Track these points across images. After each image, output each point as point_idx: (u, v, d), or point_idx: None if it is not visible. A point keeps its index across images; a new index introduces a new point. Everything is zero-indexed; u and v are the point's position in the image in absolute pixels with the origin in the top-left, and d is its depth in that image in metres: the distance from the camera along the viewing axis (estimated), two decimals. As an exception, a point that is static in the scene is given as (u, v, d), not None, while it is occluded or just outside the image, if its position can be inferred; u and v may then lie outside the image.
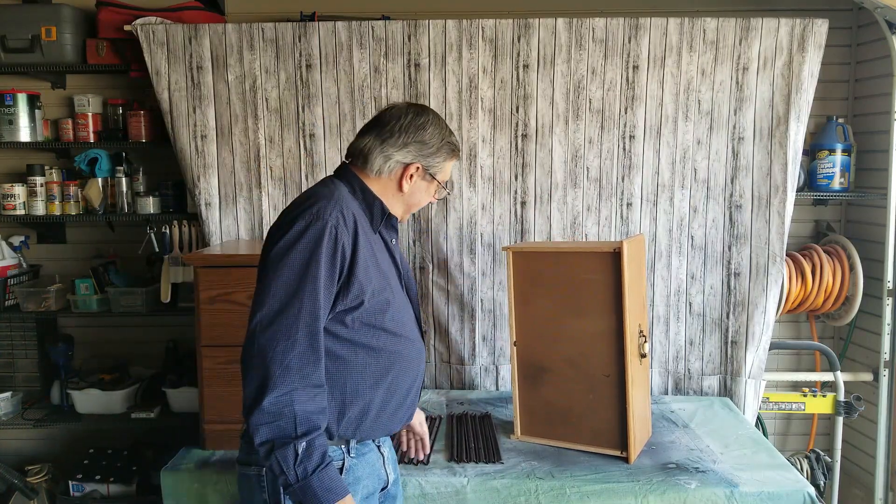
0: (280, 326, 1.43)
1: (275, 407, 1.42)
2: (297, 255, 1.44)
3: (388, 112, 1.65)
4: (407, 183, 1.63)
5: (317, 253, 1.44)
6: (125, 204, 2.99)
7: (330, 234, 1.46)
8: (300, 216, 1.48)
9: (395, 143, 1.61)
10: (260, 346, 1.44)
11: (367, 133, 1.64)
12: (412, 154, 1.62)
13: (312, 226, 1.46)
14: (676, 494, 2.02)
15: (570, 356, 2.24)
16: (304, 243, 1.45)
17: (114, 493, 2.97)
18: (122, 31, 2.84)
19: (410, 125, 1.61)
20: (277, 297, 1.44)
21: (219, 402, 2.30)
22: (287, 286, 1.44)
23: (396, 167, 1.62)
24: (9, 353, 3.18)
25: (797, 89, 2.72)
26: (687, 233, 2.84)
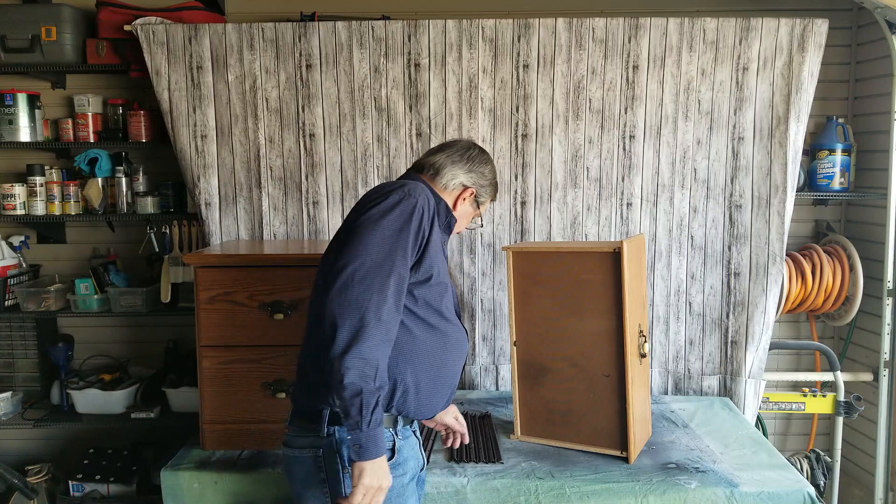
0: (374, 280, 1.53)
1: (369, 354, 1.50)
2: (391, 222, 1.58)
3: (459, 142, 1.91)
4: (461, 203, 1.85)
5: (408, 224, 1.60)
6: (125, 204, 2.99)
7: (418, 211, 1.62)
8: (394, 191, 1.64)
9: (463, 166, 1.84)
10: (356, 295, 1.52)
11: (439, 153, 1.86)
12: (472, 180, 1.85)
13: (405, 200, 1.62)
14: (676, 494, 2.02)
15: (570, 356, 2.24)
16: (397, 212, 1.60)
17: (114, 493, 2.96)
18: (122, 31, 2.84)
19: (477, 157, 1.87)
20: (371, 254, 1.55)
21: (219, 402, 2.30)
22: (381, 245, 1.56)
23: (458, 186, 1.85)
24: (9, 353, 3.18)
25: (797, 89, 2.72)
26: (687, 233, 2.84)
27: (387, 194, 1.63)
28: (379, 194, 1.65)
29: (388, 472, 1.59)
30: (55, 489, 3.06)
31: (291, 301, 2.25)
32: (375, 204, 1.61)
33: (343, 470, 1.62)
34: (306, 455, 1.65)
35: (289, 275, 2.26)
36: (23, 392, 3.13)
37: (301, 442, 1.66)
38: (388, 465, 1.63)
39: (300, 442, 1.67)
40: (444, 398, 1.80)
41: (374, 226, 1.58)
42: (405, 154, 2.82)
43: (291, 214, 2.87)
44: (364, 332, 1.50)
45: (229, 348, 2.28)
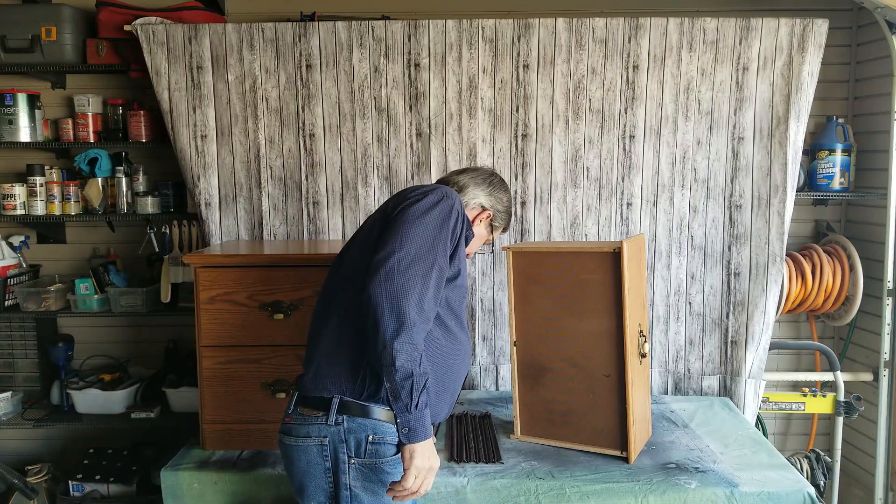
0: (417, 271, 1.59)
1: (417, 339, 1.56)
2: (433, 218, 1.65)
3: (482, 168, 2.05)
4: (477, 224, 1.95)
5: (447, 221, 1.67)
6: (125, 204, 2.99)
7: (455, 211, 1.71)
8: (433, 191, 1.72)
9: (484, 189, 1.97)
10: (402, 283, 1.56)
11: (463, 174, 1.99)
12: (491, 203, 1.97)
13: (445, 200, 1.70)
14: (676, 494, 2.02)
15: (570, 356, 2.24)
16: (438, 210, 1.67)
17: (114, 493, 2.96)
18: (122, 31, 2.84)
19: (498, 184, 2.00)
20: (415, 245, 1.61)
21: (219, 402, 2.30)
22: (425, 238, 1.62)
23: (477, 207, 1.96)
24: (9, 353, 3.17)
25: (797, 89, 2.72)
26: (687, 233, 2.84)
27: (426, 193, 1.71)
28: (419, 192, 1.72)
29: (436, 453, 1.66)
30: (55, 489, 3.06)
31: (291, 301, 2.25)
32: (416, 200, 1.68)
33: (349, 460, 1.64)
34: (311, 444, 1.66)
35: (289, 275, 2.26)
36: (23, 392, 3.13)
37: (305, 430, 1.66)
38: (394, 459, 1.66)
39: (304, 430, 1.67)
40: (448, 404, 1.82)
41: (418, 220, 1.64)
42: (405, 154, 2.82)
43: (291, 214, 2.87)
44: (410, 319, 1.55)
45: (229, 348, 2.28)
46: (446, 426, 2.46)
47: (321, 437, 1.65)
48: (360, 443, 1.64)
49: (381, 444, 1.65)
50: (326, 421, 1.64)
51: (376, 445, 1.64)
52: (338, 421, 1.64)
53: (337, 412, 1.64)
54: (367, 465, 1.64)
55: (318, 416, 1.65)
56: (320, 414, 1.65)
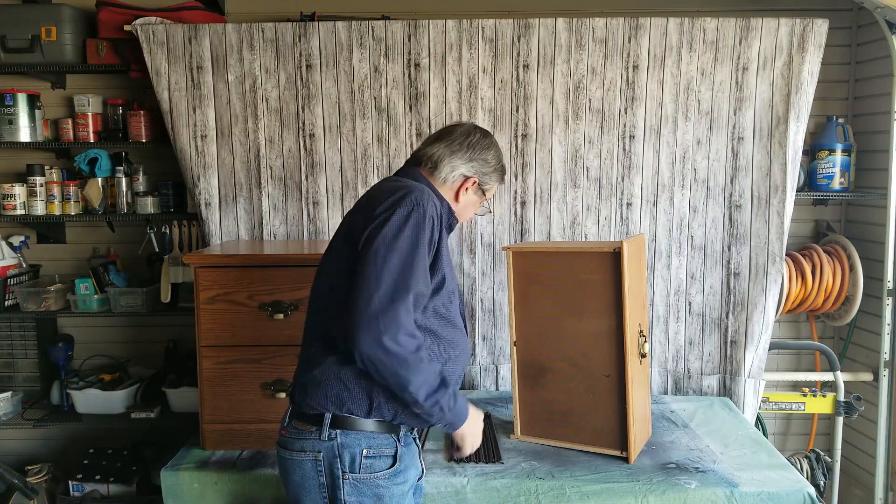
0: (399, 305, 1.53)
1: (423, 369, 1.56)
2: (405, 240, 1.56)
3: (458, 128, 1.82)
4: (463, 194, 1.80)
5: (421, 237, 1.58)
6: (125, 204, 2.99)
7: (429, 221, 1.60)
8: (401, 202, 1.59)
9: (462, 155, 1.78)
10: (386, 326, 1.51)
11: (437, 143, 1.80)
12: (474, 169, 1.79)
13: (415, 212, 1.58)
14: (676, 494, 2.02)
15: (570, 356, 2.24)
16: (409, 228, 1.57)
17: (114, 493, 2.96)
18: (122, 31, 2.84)
19: (478, 144, 1.80)
20: (391, 277, 1.53)
21: (219, 402, 2.30)
22: (401, 267, 1.55)
23: (458, 178, 1.79)
24: (9, 353, 3.17)
25: (797, 89, 2.72)
26: (687, 233, 2.84)
27: (394, 205, 1.59)
28: (387, 206, 1.59)
29: (476, 418, 1.75)
30: (55, 489, 3.06)
31: (291, 301, 2.25)
32: (385, 220, 1.57)
33: (343, 476, 1.61)
34: (305, 458, 1.63)
35: (289, 275, 2.26)
36: (23, 392, 3.13)
37: (300, 445, 1.64)
38: (389, 472, 1.63)
39: (299, 445, 1.64)
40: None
41: (389, 247, 1.54)
42: (405, 154, 2.82)
43: (291, 214, 2.87)
44: (409, 358, 1.53)
45: (229, 348, 2.28)
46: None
47: (315, 451, 1.62)
48: (355, 457, 1.61)
49: (375, 458, 1.62)
50: (320, 436, 1.61)
51: (371, 459, 1.62)
52: (331, 436, 1.61)
53: (330, 427, 1.61)
54: (361, 481, 1.61)
55: (311, 431, 1.63)
56: (313, 429, 1.63)
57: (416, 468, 1.75)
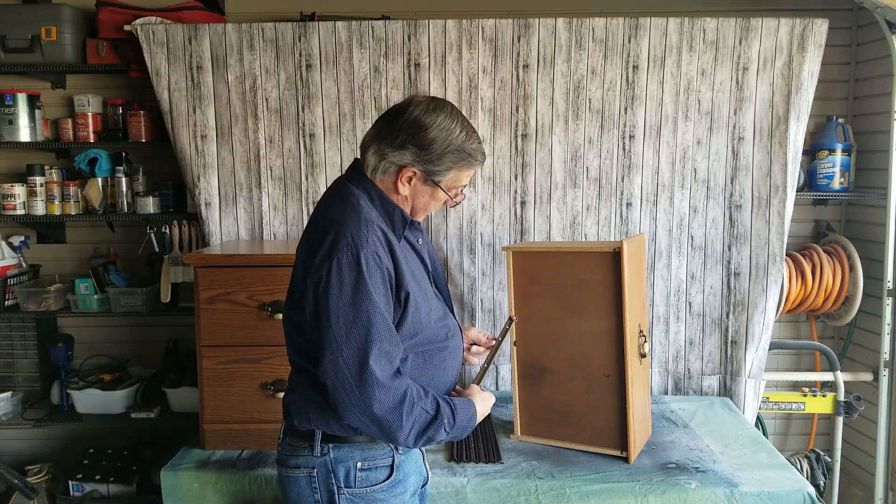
0: (368, 356, 1.42)
1: (407, 412, 1.45)
2: (351, 294, 1.42)
3: (400, 106, 1.53)
4: (403, 185, 1.53)
5: (368, 282, 1.43)
6: (125, 204, 2.99)
7: (372, 258, 1.44)
8: (335, 250, 1.43)
9: (391, 141, 1.50)
10: (364, 389, 1.42)
11: (374, 126, 1.56)
12: (409, 156, 1.50)
13: (352, 257, 1.43)
14: (676, 494, 2.02)
15: (570, 356, 2.24)
16: (351, 279, 1.42)
17: (114, 493, 2.96)
18: (122, 31, 2.84)
19: (412, 125, 1.49)
20: (355, 344, 1.42)
21: (219, 402, 2.30)
22: (361, 330, 1.43)
23: (390, 168, 1.52)
24: (9, 353, 3.17)
25: (797, 89, 2.72)
26: (687, 233, 2.84)
27: (329, 255, 1.43)
28: (322, 256, 1.44)
29: (486, 396, 1.65)
30: (55, 489, 3.06)
31: (291, 301, 2.25)
32: (326, 278, 1.43)
33: (339, 491, 1.55)
34: (299, 475, 1.58)
35: (289, 275, 2.24)
36: (23, 392, 3.13)
37: (294, 461, 1.59)
38: (387, 484, 1.57)
39: (293, 461, 1.59)
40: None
41: (339, 309, 1.42)
42: (405, 154, 2.81)
43: (291, 214, 2.87)
44: (394, 411, 1.43)
45: (229, 348, 2.28)
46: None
47: (309, 468, 1.56)
48: (349, 471, 1.55)
49: (371, 470, 1.56)
50: (312, 451, 1.56)
51: (366, 472, 1.56)
52: (323, 451, 1.55)
53: (322, 441, 1.55)
54: (357, 495, 1.55)
55: (304, 447, 1.57)
56: (306, 444, 1.57)
57: (419, 474, 1.70)
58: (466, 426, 1.56)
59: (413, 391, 1.47)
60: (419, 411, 1.47)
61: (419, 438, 1.48)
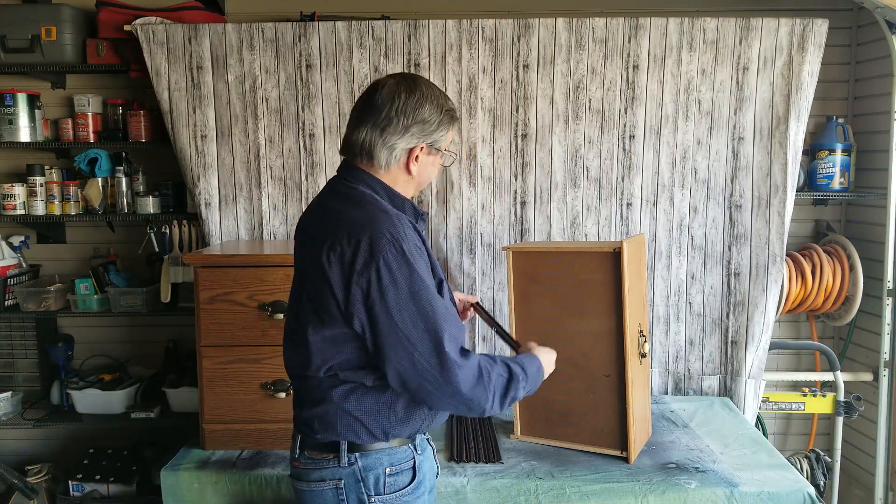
0: (447, 355, 1.44)
1: (487, 382, 1.48)
2: (408, 289, 1.43)
3: (379, 95, 1.53)
4: (414, 165, 1.56)
5: (421, 272, 1.45)
6: (125, 204, 2.99)
7: (416, 250, 1.47)
8: (380, 249, 1.42)
9: (395, 130, 1.52)
10: (449, 382, 1.44)
11: (363, 123, 1.54)
12: (416, 137, 1.53)
13: (401, 251, 1.44)
14: (676, 494, 2.02)
15: (570, 356, 2.23)
16: (405, 273, 1.43)
17: (114, 493, 2.96)
18: (122, 31, 2.84)
19: (407, 106, 1.52)
20: (427, 337, 1.44)
21: (219, 402, 2.30)
22: (426, 321, 1.44)
23: (402, 154, 1.55)
24: (9, 353, 3.17)
25: (797, 89, 2.72)
26: (687, 233, 2.84)
27: (371, 257, 1.42)
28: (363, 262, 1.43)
29: (547, 350, 1.74)
30: (55, 489, 3.06)
31: (291, 301, 2.25)
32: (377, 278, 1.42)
33: (369, 499, 1.53)
34: (325, 488, 1.55)
35: (289, 275, 2.23)
36: (23, 392, 3.13)
37: (318, 475, 1.56)
38: (412, 486, 1.58)
39: (317, 475, 1.56)
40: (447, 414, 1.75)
41: (395, 303, 1.43)
42: (405, 154, 2.81)
43: (291, 214, 2.87)
44: (475, 389, 1.46)
45: (229, 348, 2.28)
46: (446, 426, 2.46)
47: (335, 479, 1.54)
48: (379, 478, 1.54)
49: (398, 475, 1.57)
50: (339, 463, 1.54)
51: (394, 477, 1.56)
52: (350, 461, 1.53)
53: (348, 452, 1.53)
54: (387, 502, 1.55)
55: (328, 459, 1.55)
56: (331, 456, 1.54)
57: (433, 469, 1.72)
58: (537, 377, 1.63)
59: (483, 361, 1.50)
60: (496, 377, 1.51)
61: (504, 401, 1.52)
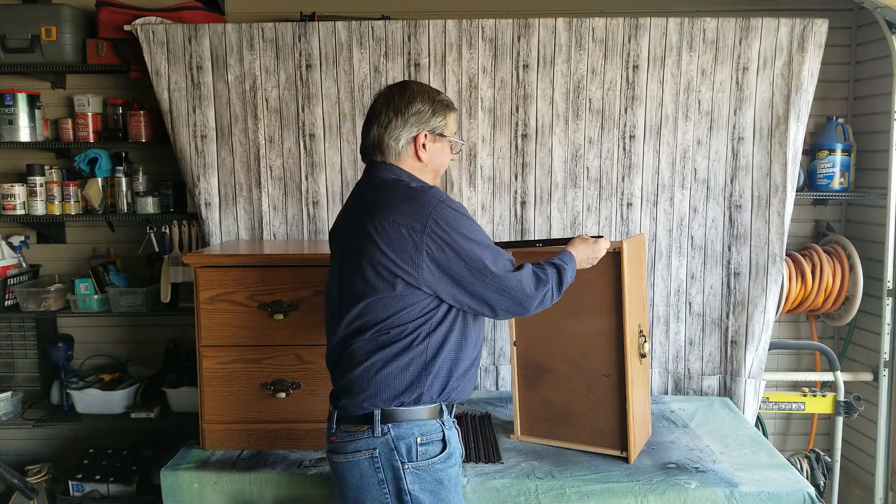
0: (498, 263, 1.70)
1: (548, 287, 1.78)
2: (468, 233, 1.67)
3: (378, 103, 1.79)
4: (423, 152, 1.77)
5: (471, 218, 1.72)
6: (125, 204, 2.99)
7: (455, 204, 1.71)
8: (435, 209, 1.65)
9: (396, 124, 1.75)
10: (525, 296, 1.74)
11: (370, 127, 1.78)
12: (415, 126, 1.75)
13: (451, 206, 1.68)
14: (676, 494, 2.02)
15: (570, 356, 2.24)
16: (463, 221, 1.68)
17: (114, 493, 2.96)
18: (122, 31, 2.84)
19: (400, 104, 1.75)
20: (493, 265, 1.69)
21: (219, 402, 2.30)
22: (489, 252, 1.70)
23: (408, 143, 1.76)
24: (9, 353, 3.17)
25: (797, 89, 2.72)
26: (687, 233, 2.84)
27: (427, 216, 1.64)
28: (417, 226, 1.64)
29: (583, 242, 1.96)
30: (55, 489, 3.06)
31: (291, 301, 2.25)
32: (437, 232, 1.64)
33: (403, 466, 1.65)
34: (361, 458, 1.67)
35: (289, 275, 2.26)
36: (23, 392, 3.13)
37: (353, 446, 1.68)
38: (443, 455, 1.70)
39: (352, 447, 1.68)
40: (475, 376, 1.86)
41: (464, 248, 1.66)
42: (405, 154, 2.81)
43: (291, 214, 2.87)
44: (540, 290, 1.74)
45: (229, 348, 2.28)
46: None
47: (370, 449, 1.67)
48: (411, 447, 1.67)
49: (429, 444, 1.69)
50: (373, 434, 1.66)
51: (426, 446, 1.68)
52: (384, 431, 1.66)
53: (381, 422, 1.66)
54: (421, 468, 1.67)
55: (363, 431, 1.68)
56: (365, 428, 1.68)
57: (460, 449, 1.80)
58: (572, 262, 1.87)
59: (529, 267, 1.76)
60: (548, 274, 1.77)
61: (561, 288, 1.80)
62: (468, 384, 1.80)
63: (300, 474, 2.15)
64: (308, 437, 2.29)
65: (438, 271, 1.65)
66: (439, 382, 1.71)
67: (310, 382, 2.27)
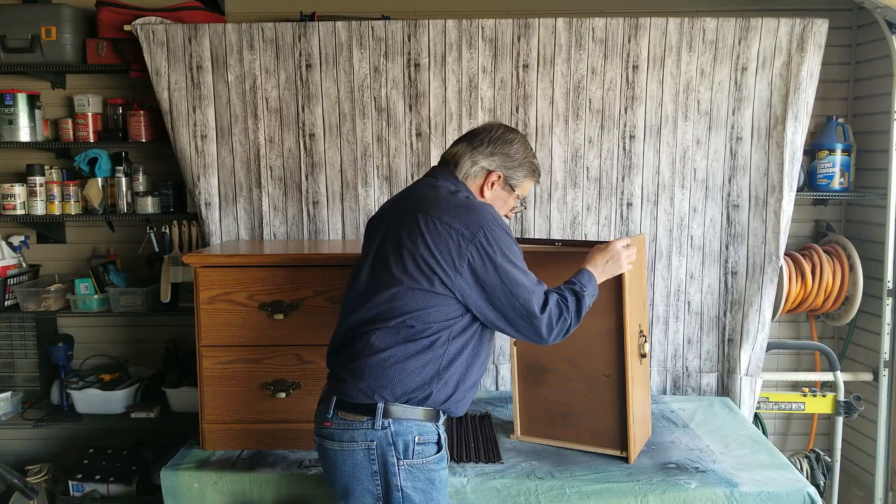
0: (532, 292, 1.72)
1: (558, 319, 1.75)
2: (510, 254, 1.70)
3: (483, 126, 1.89)
4: (488, 189, 1.85)
5: (506, 237, 1.74)
6: (125, 204, 2.99)
7: (497, 221, 1.73)
8: (486, 223, 1.69)
9: (482, 150, 1.83)
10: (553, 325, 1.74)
11: (461, 142, 1.87)
12: (496, 163, 1.84)
13: (502, 226, 1.72)
14: (676, 494, 2.02)
15: (570, 356, 2.24)
16: (507, 241, 1.72)
17: (114, 493, 2.96)
18: (122, 31, 2.84)
19: (499, 138, 1.84)
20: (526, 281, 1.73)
21: (219, 402, 2.30)
22: (526, 276, 1.74)
23: (480, 172, 1.84)
24: (9, 353, 3.17)
25: (795, 89, 2.72)
26: (687, 233, 2.84)
27: (479, 229, 1.68)
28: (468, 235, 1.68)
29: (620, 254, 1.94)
30: (55, 489, 3.06)
31: (291, 301, 2.25)
32: (484, 244, 1.67)
33: (398, 462, 1.67)
34: (356, 448, 1.69)
35: (289, 275, 2.26)
36: (23, 392, 3.13)
37: (350, 435, 1.69)
38: (437, 457, 1.73)
39: (348, 436, 1.70)
40: (473, 398, 1.88)
41: (502, 265, 1.68)
42: (405, 154, 2.82)
43: (291, 214, 2.88)
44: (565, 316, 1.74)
45: (229, 348, 2.28)
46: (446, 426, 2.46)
47: (367, 441, 1.68)
48: (408, 444, 1.69)
49: (425, 444, 1.71)
50: (373, 426, 1.67)
51: (422, 446, 1.71)
52: (384, 425, 1.67)
53: (383, 416, 1.67)
54: (415, 466, 1.69)
55: (362, 421, 1.68)
56: (365, 419, 1.68)
57: (447, 449, 1.83)
58: (591, 284, 1.86)
59: (555, 298, 1.75)
60: (570, 307, 1.76)
61: (580, 316, 1.78)
62: (467, 401, 1.83)
63: (300, 474, 2.15)
64: (308, 437, 2.27)
65: (474, 281, 1.68)
66: (447, 390, 1.73)
67: (310, 382, 2.27)
